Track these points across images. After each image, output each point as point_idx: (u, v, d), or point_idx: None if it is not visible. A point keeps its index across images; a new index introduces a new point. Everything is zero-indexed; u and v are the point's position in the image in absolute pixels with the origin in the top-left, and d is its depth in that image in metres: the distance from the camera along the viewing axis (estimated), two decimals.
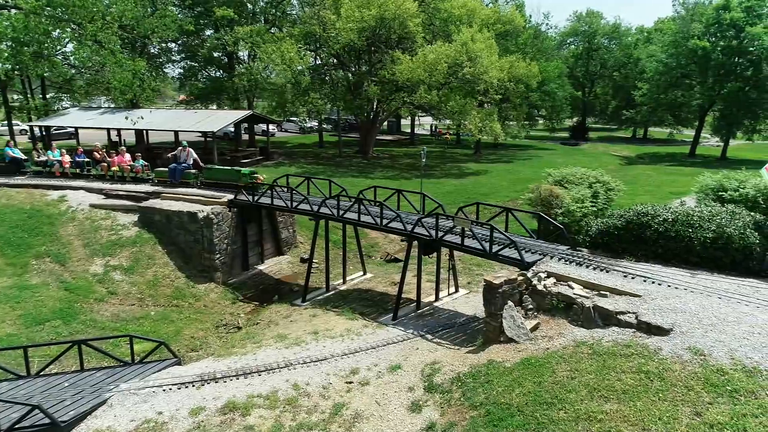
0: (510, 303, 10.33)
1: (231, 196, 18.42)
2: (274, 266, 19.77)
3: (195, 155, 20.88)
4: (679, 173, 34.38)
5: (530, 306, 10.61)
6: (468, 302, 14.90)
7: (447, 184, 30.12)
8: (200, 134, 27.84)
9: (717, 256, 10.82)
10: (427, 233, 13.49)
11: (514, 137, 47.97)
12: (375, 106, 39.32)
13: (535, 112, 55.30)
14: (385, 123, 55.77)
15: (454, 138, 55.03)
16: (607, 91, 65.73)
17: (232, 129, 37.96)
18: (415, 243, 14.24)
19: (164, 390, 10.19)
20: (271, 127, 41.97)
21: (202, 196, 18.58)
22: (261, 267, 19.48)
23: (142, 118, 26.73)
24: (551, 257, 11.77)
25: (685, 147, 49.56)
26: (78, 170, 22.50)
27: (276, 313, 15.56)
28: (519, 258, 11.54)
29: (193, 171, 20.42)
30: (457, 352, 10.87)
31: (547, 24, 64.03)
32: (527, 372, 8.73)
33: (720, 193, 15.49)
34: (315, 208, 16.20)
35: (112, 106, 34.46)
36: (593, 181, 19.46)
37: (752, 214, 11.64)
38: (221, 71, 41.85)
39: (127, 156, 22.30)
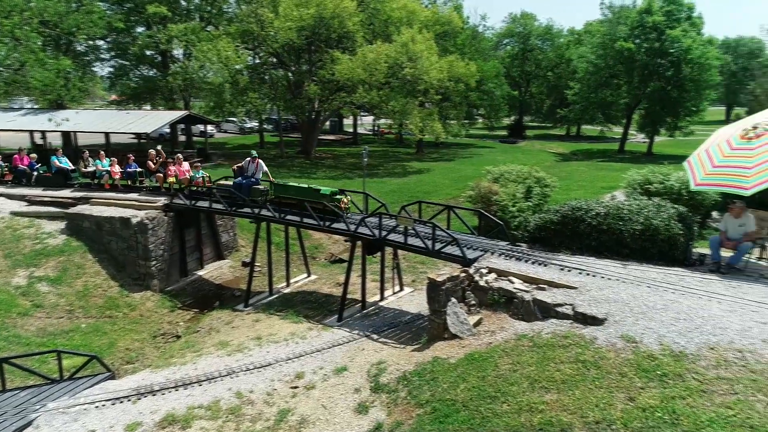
0: (453, 299, 10.45)
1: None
2: (214, 271, 19.20)
3: (266, 167, 17.19)
4: (609, 168, 36.02)
5: (473, 302, 10.78)
6: (413, 300, 15.00)
7: (390, 183, 30.26)
8: (133, 136, 26.63)
9: (645, 247, 11.37)
10: (370, 233, 13.47)
11: (455, 136, 48.83)
12: (316, 106, 38.98)
13: (474, 111, 56.57)
14: (328, 123, 55.43)
15: (396, 137, 55.40)
16: (542, 91, 68.05)
17: (168, 130, 36.65)
18: (359, 243, 14.20)
19: (97, 407, 9.65)
20: (209, 127, 40.78)
21: (136, 201, 17.75)
22: (201, 272, 18.86)
23: (68, 119, 25.27)
24: (492, 253, 12.01)
25: (615, 144, 52.04)
26: (129, 182, 19.21)
27: (217, 319, 15.10)
28: (461, 255, 11.70)
29: (260, 187, 16.67)
30: (403, 350, 10.90)
31: (484, 25, 65.33)
32: (471, 367, 8.85)
33: (646, 187, 16.30)
34: (256, 210, 15.84)
35: (36, 106, 32.41)
36: (528, 177, 20.03)
37: (676, 206, 12.28)
38: (155, 70, 40.23)
39: (186, 165, 18.75)
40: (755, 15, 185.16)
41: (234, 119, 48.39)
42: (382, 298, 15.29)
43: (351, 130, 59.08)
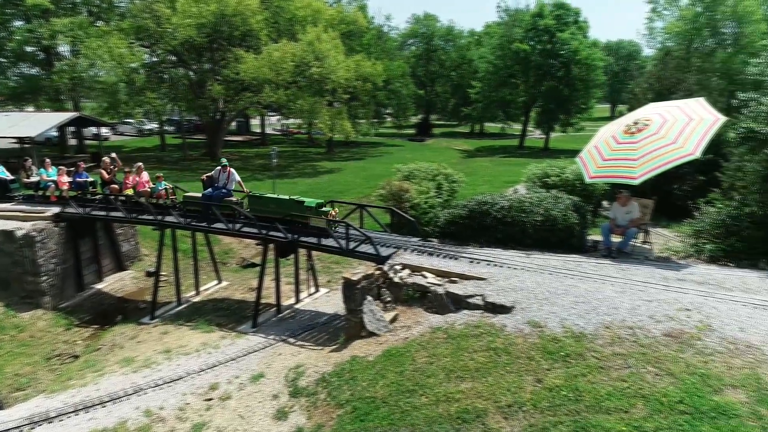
0: (369, 297, 10.52)
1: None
2: (115, 283, 17.94)
3: (238, 177, 15.28)
4: (511, 164, 37.90)
5: (388, 298, 10.92)
6: (329, 301, 14.93)
7: (301, 183, 29.88)
8: (15, 140, 24.22)
9: (546, 236, 12.09)
10: (283, 235, 13.21)
11: (365, 135, 49.19)
12: (221, 106, 37.61)
13: (382, 110, 57.33)
14: (234, 123, 53.70)
15: (308, 137, 54.83)
16: (447, 90, 70.21)
17: (56, 133, 33.71)
18: (272, 246, 13.89)
19: None
20: (103, 130, 37.98)
21: (20, 211, 16.16)
22: (100, 285, 17.55)
23: None
24: (405, 249, 12.22)
25: (515, 140, 54.86)
26: (79, 193, 16.84)
27: (121, 335, 14.14)
28: (375, 253, 11.80)
29: (233, 199, 14.89)
30: (321, 352, 10.81)
31: (388, 25, 66.38)
32: (389, 363, 8.95)
33: (545, 180, 17.36)
34: (159, 216, 14.99)
35: None
36: (437, 174, 20.62)
37: (571, 197, 13.18)
38: (38, 68, 36.80)
39: (145, 175, 16.65)
40: (632, 21, 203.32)
41: (131, 121, 45.54)
42: (298, 301, 15.07)
43: (259, 130, 57.68)
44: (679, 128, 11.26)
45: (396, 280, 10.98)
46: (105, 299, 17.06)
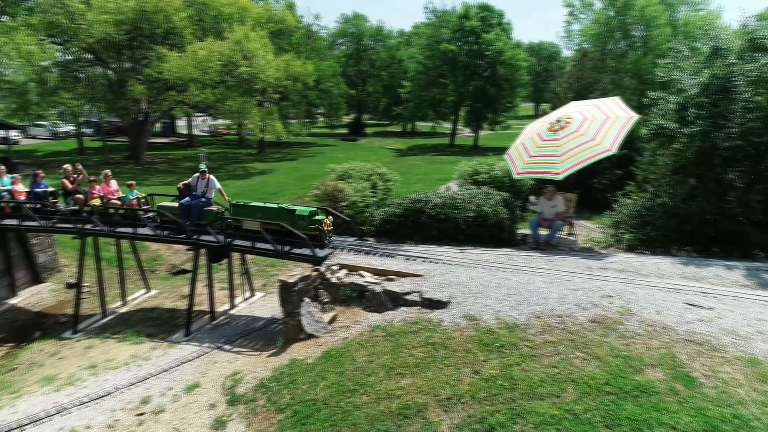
0: (306, 299, 10.42)
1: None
2: (31, 297, 16.73)
3: (219, 185, 13.77)
4: (443, 162, 38.70)
5: (326, 299, 10.86)
6: (265, 305, 14.64)
7: (233, 185, 29.08)
8: None
9: (478, 232, 12.45)
10: (215, 239, 12.82)
11: (297, 135, 48.63)
12: (144, 107, 35.96)
13: (314, 110, 56.91)
14: (159, 124, 51.52)
15: (240, 138, 53.47)
16: (378, 90, 70.68)
17: None
18: (204, 251, 13.45)
19: None
20: (13, 133, 35.34)
21: None
22: (13, 301, 16.31)
23: None
24: (342, 249, 12.20)
25: (446, 138, 56.07)
26: (39, 205, 14.88)
27: (39, 352, 13.20)
28: (311, 254, 11.69)
29: (213, 209, 13.46)
30: (259, 357, 10.60)
31: (318, 25, 65.94)
32: (329, 364, 8.91)
33: (475, 177, 17.83)
34: (79, 224, 14.11)
35: None
36: (371, 173, 20.71)
37: (501, 193, 13.65)
38: None
39: (114, 184, 15.09)
40: (552, 23, 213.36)
41: (44, 123, 42.62)
42: (233, 306, 14.68)
43: (185, 131, 55.63)
44: (597, 126, 11.93)
45: (333, 280, 10.95)
46: (20, 315, 15.88)
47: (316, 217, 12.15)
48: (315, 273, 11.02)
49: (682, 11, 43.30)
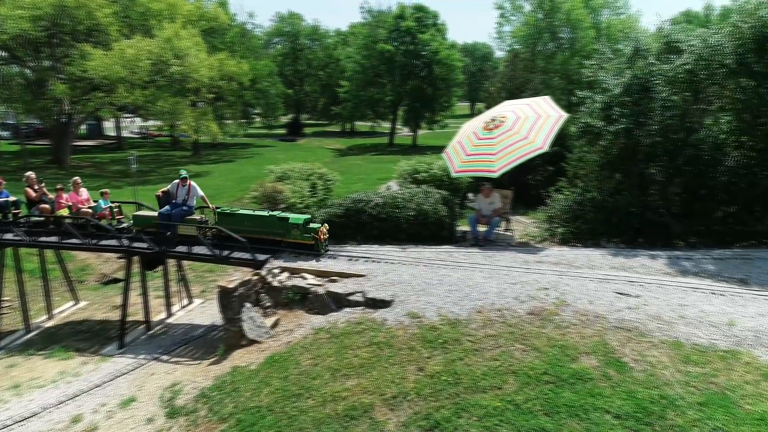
0: (248, 304, 10.19)
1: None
2: None
3: (201, 191, 12.92)
4: (382, 161, 38.96)
5: (268, 303, 10.66)
6: (204, 312, 14.21)
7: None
8: None
9: (419, 230, 12.60)
10: (148, 246, 12.29)
11: (233, 136, 47.52)
12: (67, 108, 33.98)
13: (250, 110, 55.79)
14: (84, 126, 48.85)
15: (173, 139, 51.58)
16: (316, 89, 70.27)
17: None
18: (137, 258, 12.87)
19: None
20: None
21: None
22: None
23: None
24: (283, 252, 11.99)
25: (385, 138, 56.48)
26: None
27: None
28: (251, 258, 11.44)
29: (196, 217, 12.63)
30: (199, 366, 10.26)
31: (252, 23, 64.78)
32: (273, 369, 8.75)
33: (415, 176, 18.04)
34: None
35: None
36: (311, 173, 20.53)
37: (440, 191, 13.87)
38: None
39: (84, 192, 14.01)
40: (484, 24, 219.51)
41: None
42: (170, 315, 14.14)
43: (114, 133, 53.05)
44: (530, 124, 12.35)
45: (275, 284, 10.76)
46: None
47: (312, 225, 11.51)
48: (256, 277, 10.79)
49: (605, 15, 45.63)
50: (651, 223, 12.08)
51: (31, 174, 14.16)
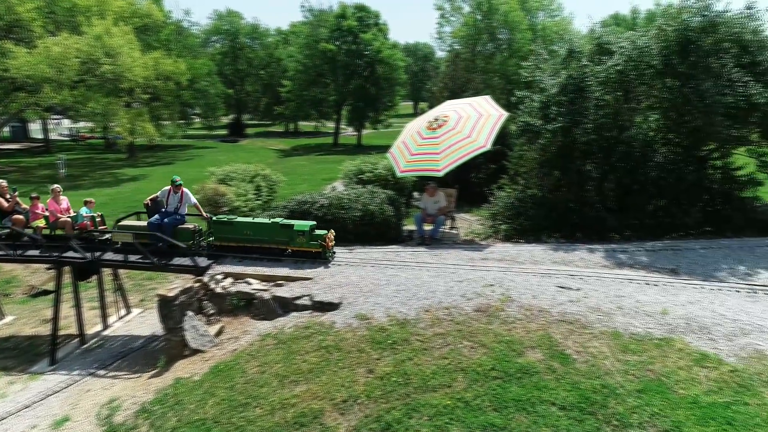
0: (190, 313, 9.81)
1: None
2: None
3: (194, 199, 12.33)
4: (327, 161, 38.66)
5: (211, 311, 10.31)
6: (144, 322, 13.58)
7: (100, 194, 26.67)
8: None
9: (365, 231, 12.55)
10: (81, 255, 11.61)
11: (171, 137, 45.91)
12: None
13: (189, 110, 54.08)
14: (7, 129, 45.82)
15: (109, 142, 49.21)
16: (257, 89, 68.90)
17: None
18: (68, 269, 12.14)
19: None
20: None
21: None
22: None
23: None
24: (226, 257, 11.64)
25: (329, 138, 56.11)
26: None
27: None
28: (193, 264, 11.03)
29: (191, 226, 11.79)
30: (139, 380, 9.79)
31: (188, 21, 62.57)
32: (218, 379, 8.46)
33: (360, 176, 17.99)
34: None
35: None
36: (255, 175, 20.10)
37: (386, 191, 13.88)
38: None
39: (65, 201, 12.67)
40: (425, 25, 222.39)
41: None
42: (106, 327, 13.43)
43: (41, 136, 50.06)
44: (472, 123, 12.55)
45: (218, 290, 10.42)
46: None
47: (318, 232, 10.98)
48: (198, 284, 10.41)
49: (540, 17, 47.14)
50: (588, 218, 12.54)
51: (1, 182, 12.98)
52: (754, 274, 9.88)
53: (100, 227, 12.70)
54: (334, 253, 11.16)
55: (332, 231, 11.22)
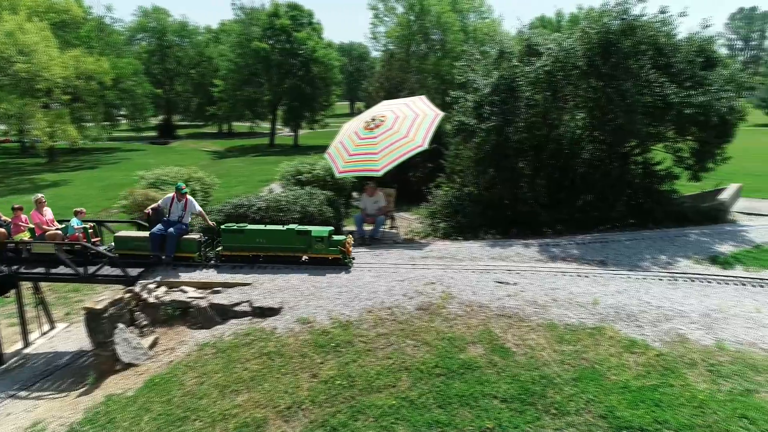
0: (121, 325, 9.32)
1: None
2: None
3: (199, 207, 11.46)
4: (263, 162, 37.92)
5: (144, 322, 9.84)
6: (70, 337, 12.79)
7: (17, 201, 24.84)
8: None
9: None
10: None
11: (95, 140, 43.54)
12: None
13: (115, 111, 51.47)
14: None
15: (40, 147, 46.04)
16: (188, 89, 66.58)
17: None
18: None
19: None
20: None
21: None
22: None
23: None
24: (158, 265, 11.14)
25: (265, 138, 55.08)
26: None
27: None
28: (123, 274, 10.49)
29: (197, 236, 11.05)
30: (66, 399, 9.19)
31: (111, 17, 59.57)
32: (154, 393, 8.07)
33: (298, 177, 17.72)
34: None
35: None
36: (188, 178, 19.37)
37: (325, 192, 13.74)
38: None
39: (49, 212, 11.89)
40: (360, 25, 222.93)
41: None
42: (28, 344, 12.52)
43: None
44: (409, 123, 12.65)
45: (151, 300, 9.95)
46: None
47: (336, 238, 10.66)
48: (128, 294, 9.90)
49: (471, 18, 48.28)
50: (523, 214, 12.96)
51: None
52: (674, 263, 10.54)
53: (93, 239, 11.86)
54: (353, 258, 10.83)
55: (350, 236, 10.97)
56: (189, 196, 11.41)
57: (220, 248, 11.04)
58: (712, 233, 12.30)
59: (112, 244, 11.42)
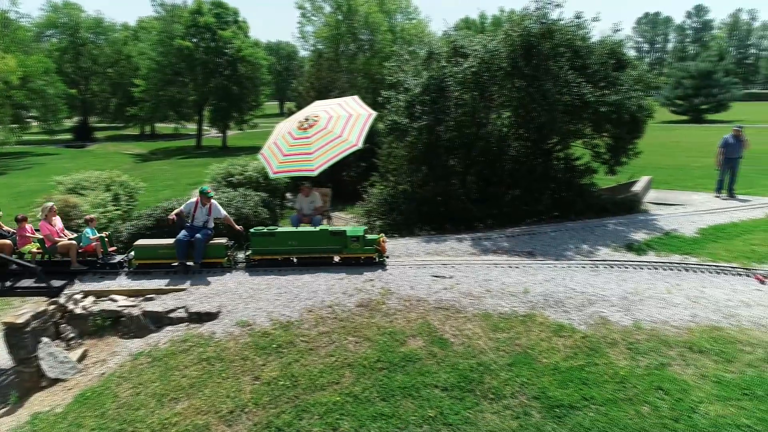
0: (45, 339, 8.82)
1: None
2: None
3: (223, 210, 11.05)
4: (191, 165, 36.67)
5: (72, 334, 9.36)
6: None
7: None
8: None
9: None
10: None
11: (2, 144, 40.41)
12: None
13: (24, 113, 47.98)
14: None
15: None
16: (105, 89, 63.07)
17: None
18: None
19: None
20: None
21: None
22: None
23: None
24: (84, 274, 10.61)
25: (192, 140, 53.18)
26: None
27: None
28: (45, 285, 9.91)
29: (224, 240, 10.65)
30: None
31: (16, 12, 55.38)
32: (85, 408, 7.71)
33: (230, 179, 17.36)
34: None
35: None
36: (111, 182, 18.47)
37: (259, 193, 13.59)
38: None
39: (58, 221, 10.92)
40: (287, 24, 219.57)
41: None
42: None
43: None
44: (342, 123, 12.75)
45: (78, 311, 9.48)
46: None
47: (370, 237, 10.58)
48: (53, 306, 9.38)
49: (399, 19, 48.90)
50: (455, 210, 13.39)
51: None
52: (595, 251, 11.28)
53: (110, 248, 11.16)
54: (387, 256, 10.77)
55: (383, 235, 10.95)
56: (214, 200, 11.09)
57: (249, 252, 10.81)
58: (628, 222, 13.25)
59: (132, 253, 10.78)
